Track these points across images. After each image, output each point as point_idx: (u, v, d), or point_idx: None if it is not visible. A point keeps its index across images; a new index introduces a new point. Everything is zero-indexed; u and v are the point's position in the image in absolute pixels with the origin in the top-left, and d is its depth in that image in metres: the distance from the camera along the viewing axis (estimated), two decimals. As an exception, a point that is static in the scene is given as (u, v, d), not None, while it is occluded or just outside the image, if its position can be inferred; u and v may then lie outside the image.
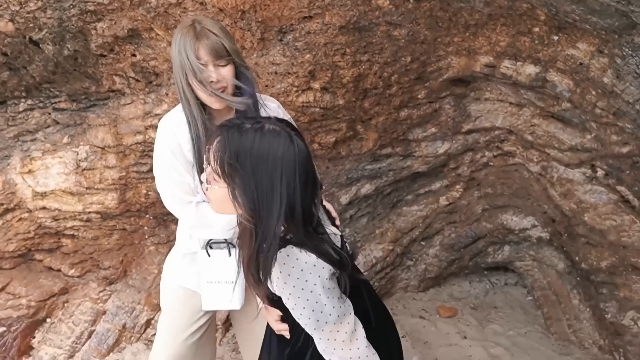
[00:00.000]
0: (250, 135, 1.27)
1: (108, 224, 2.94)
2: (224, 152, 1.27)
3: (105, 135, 2.72)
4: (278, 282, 1.32)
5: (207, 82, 1.71)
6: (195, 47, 1.68)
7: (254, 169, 1.26)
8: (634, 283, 2.80)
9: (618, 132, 2.62)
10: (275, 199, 1.26)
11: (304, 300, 1.32)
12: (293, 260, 1.30)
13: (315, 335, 1.39)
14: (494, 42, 2.67)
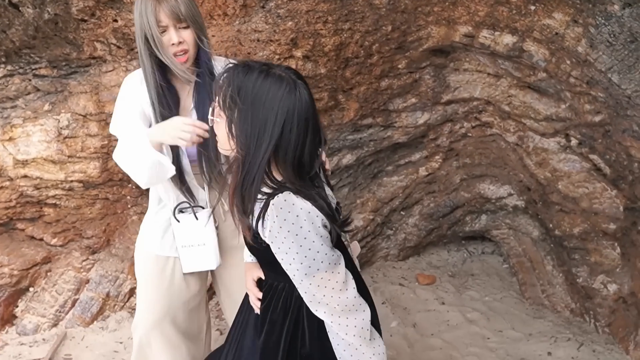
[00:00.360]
0: (255, 75, 1.33)
1: (90, 193, 2.94)
2: (227, 86, 1.33)
3: (86, 102, 2.71)
4: (273, 226, 1.33)
5: (168, 45, 1.77)
6: (155, 10, 1.72)
7: (252, 104, 1.31)
8: (604, 248, 2.90)
9: (591, 101, 2.69)
10: (266, 136, 1.31)
11: (297, 245, 1.34)
12: (289, 205, 1.33)
13: (304, 283, 1.38)
14: (473, 11, 2.72)
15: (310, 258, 1.35)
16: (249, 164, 1.34)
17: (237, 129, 1.33)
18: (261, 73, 1.33)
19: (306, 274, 1.36)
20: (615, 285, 2.85)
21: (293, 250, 1.34)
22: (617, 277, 2.85)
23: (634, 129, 2.57)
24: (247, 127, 1.32)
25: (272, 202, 1.33)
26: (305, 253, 1.34)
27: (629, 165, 2.71)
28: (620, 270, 2.84)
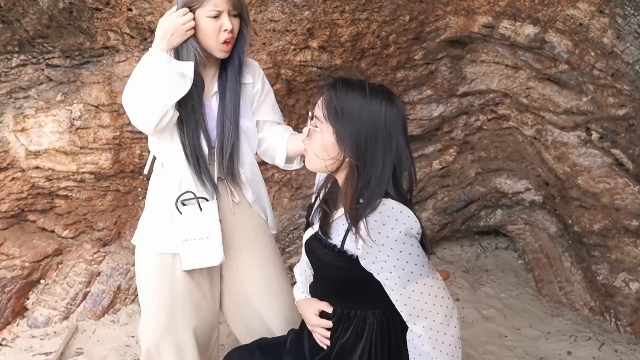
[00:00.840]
0: (357, 88, 1.41)
1: (102, 185, 2.91)
2: (332, 98, 1.40)
3: (99, 93, 2.67)
4: (372, 233, 1.33)
5: (219, 30, 1.74)
6: None
7: (359, 115, 1.37)
8: (626, 245, 2.84)
9: (615, 94, 2.62)
10: (379, 146, 1.37)
11: (397, 251, 1.33)
12: (389, 209, 1.35)
13: (405, 292, 1.35)
14: (494, 1, 2.64)
15: (412, 263, 1.34)
16: (368, 174, 1.38)
17: (348, 138, 1.38)
18: (362, 86, 1.41)
19: (408, 280, 1.34)
20: (638, 284, 2.79)
21: (393, 257, 1.33)
22: (639, 274, 2.78)
23: (660, 123, 2.50)
24: (360, 137, 1.37)
25: (376, 208, 1.35)
26: (406, 259, 1.33)
27: (653, 161, 2.65)
28: (642, 267, 2.78)
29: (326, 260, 1.47)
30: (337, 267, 1.45)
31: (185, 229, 1.88)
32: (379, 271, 1.37)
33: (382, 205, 1.35)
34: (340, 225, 1.46)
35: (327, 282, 1.56)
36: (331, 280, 1.53)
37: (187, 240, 1.89)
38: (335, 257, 1.44)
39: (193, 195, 1.88)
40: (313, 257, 1.55)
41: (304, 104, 2.95)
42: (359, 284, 1.45)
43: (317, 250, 1.51)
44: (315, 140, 1.46)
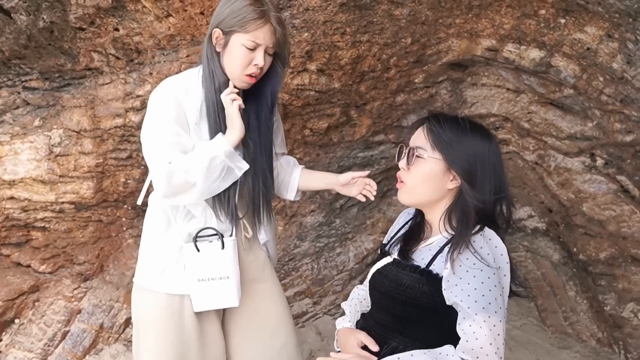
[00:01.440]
0: (457, 121, 1.50)
1: (83, 215, 2.72)
2: (439, 127, 1.48)
3: (81, 117, 2.49)
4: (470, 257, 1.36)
5: (249, 63, 1.66)
6: (258, 25, 1.62)
7: (466, 144, 1.46)
8: (633, 274, 2.76)
9: (622, 120, 2.55)
10: (486, 174, 1.44)
11: (484, 277, 1.34)
12: (487, 239, 1.40)
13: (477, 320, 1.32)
14: (498, 24, 2.56)
15: (492, 296, 1.33)
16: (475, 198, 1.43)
17: (459, 163, 1.44)
18: (462, 121, 1.51)
19: (484, 308, 1.31)
20: (647, 315, 2.71)
21: (478, 279, 1.34)
22: (648, 305, 2.71)
23: (670, 151, 2.43)
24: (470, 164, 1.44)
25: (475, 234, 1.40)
26: (489, 287, 1.34)
27: (661, 188, 2.57)
28: (651, 298, 2.69)
29: (405, 280, 1.47)
30: (415, 289, 1.45)
31: (202, 268, 1.76)
32: (457, 292, 1.36)
33: (489, 235, 1.41)
34: (427, 251, 1.49)
35: (395, 310, 1.52)
36: (402, 304, 1.48)
37: (203, 280, 1.76)
38: (417, 279, 1.45)
39: (215, 232, 1.76)
40: (386, 283, 1.53)
41: (300, 128, 2.81)
42: (431, 314, 1.45)
43: (395, 273, 1.51)
44: (418, 169, 1.50)
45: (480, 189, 1.43)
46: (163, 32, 2.30)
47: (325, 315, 3.33)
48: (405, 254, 1.53)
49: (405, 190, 1.54)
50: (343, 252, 3.28)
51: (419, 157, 1.49)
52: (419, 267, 1.46)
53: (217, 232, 1.76)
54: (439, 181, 1.48)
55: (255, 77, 1.70)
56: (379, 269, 1.59)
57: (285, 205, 3.05)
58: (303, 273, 3.27)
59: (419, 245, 1.55)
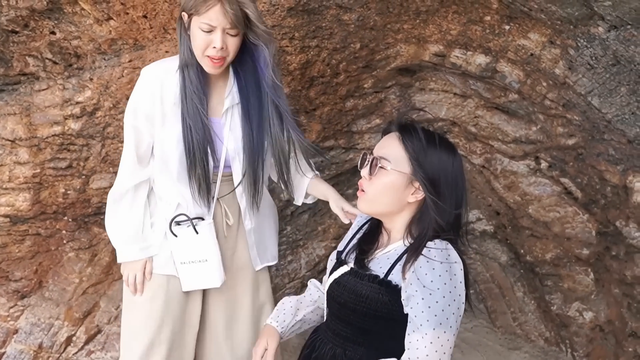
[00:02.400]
0: (430, 136, 1.49)
1: (19, 229, 2.58)
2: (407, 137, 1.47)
3: (15, 126, 2.37)
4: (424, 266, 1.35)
5: (209, 46, 1.66)
6: (208, 7, 1.60)
7: (431, 155, 1.45)
8: (577, 274, 2.84)
9: (565, 124, 2.62)
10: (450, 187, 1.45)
11: (442, 293, 1.32)
12: (445, 255, 1.38)
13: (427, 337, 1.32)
14: (445, 30, 2.59)
15: (449, 312, 1.33)
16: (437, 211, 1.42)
17: (424, 175, 1.43)
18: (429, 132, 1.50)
19: (434, 329, 1.31)
20: (591, 313, 2.78)
21: (437, 295, 1.32)
22: (592, 304, 2.79)
23: (610, 153, 2.51)
24: (435, 176, 1.43)
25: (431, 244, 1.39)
26: (448, 302, 1.33)
27: (602, 189, 2.66)
28: (595, 297, 2.78)
29: (364, 291, 1.44)
30: (374, 300, 1.43)
31: (183, 252, 1.86)
32: (413, 305, 1.35)
33: (443, 246, 1.40)
34: (385, 259, 1.47)
35: (355, 321, 1.49)
36: (362, 316, 1.46)
37: (185, 262, 1.86)
38: (375, 289, 1.43)
39: (186, 217, 1.83)
40: (344, 293, 1.50)
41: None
42: (392, 325, 1.43)
43: (353, 284, 1.48)
44: (380, 180, 1.47)
45: (442, 204, 1.43)
46: (103, 36, 2.20)
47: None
48: (361, 262, 1.51)
49: (365, 200, 1.51)
50: (294, 259, 3.24)
51: (382, 168, 1.46)
52: (378, 276, 1.44)
53: (188, 218, 1.83)
54: (400, 194, 1.46)
55: (218, 59, 1.69)
56: (336, 279, 1.56)
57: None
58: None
59: (376, 253, 1.52)
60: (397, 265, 1.43)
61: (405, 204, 1.48)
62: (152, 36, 2.24)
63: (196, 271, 1.86)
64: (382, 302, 1.41)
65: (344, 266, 1.57)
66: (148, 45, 2.26)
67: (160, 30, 2.22)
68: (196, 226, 1.82)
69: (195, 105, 1.73)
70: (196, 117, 1.74)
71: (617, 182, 2.54)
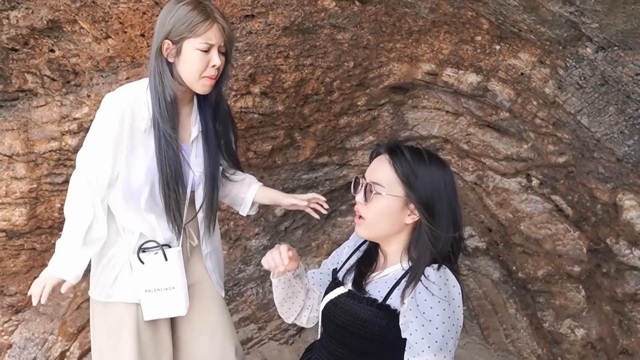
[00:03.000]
0: (416, 152, 1.48)
1: (14, 244, 2.58)
2: (399, 161, 1.46)
3: (13, 141, 2.38)
4: (423, 292, 1.36)
5: (207, 66, 1.70)
6: (207, 27, 1.65)
7: (424, 177, 1.44)
8: (569, 291, 2.86)
9: (555, 142, 2.66)
10: (444, 208, 1.44)
11: (442, 319, 1.33)
12: (444, 280, 1.38)
13: (421, 358, 1.31)
14: (437, 49, 2.63)
15: (449, 337, 1.33)
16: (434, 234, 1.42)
17: (418, 199, 1.43)
18: (419, 151, 1.49)
19: (435, 355, 1.30)
20: (583, 330, 2.79)
21: (436, 322, 1.32)
22: (583, 321, 2.80)
23: (599, 171, 2.54)
24: (429, 199, 1.43)
25: (429, 270, 1.39)
26: (447, 328, 1.32)
27: (592, 207, 2.68)
28: (586, 314, 2.79)
29: (362, 314, 1.44)
30: (373, 323, 1.42)
31: (148, 280, 1.81)
32: (412, 331, 1.34)
33: (443, 271, 1.40)
34: (383, 283, 1.47)
35: (352, 343, 1.48)
36: (360, 339, 1.45)
37: (150, 290, 1.82)
38: (374, 312, 1.42)
39: (156, 244, 1.78)
40: (342, 315, 1.49)
41: (244, 151, 2.78)
42: (390, 348, 1.41)
43: (351, 306, 1.48)
44: (376, 205, 1.47)
45: (438, 224, 1.42)
46: (102, 54, 2.24)
47: (271, 341, 3.28)
48: (359, 285, 1.50)
49: (365, 226, 1.51)
50: (288, 275, 3.25)
51: (378, 193, 1.46)
52: (376, 300, 1.43)
53: (159, 245, 1.80)
54: (397, 216, 1.46)
55: (214, 78, 1.73)
56: (333, 299, 1.55)
57: (229, 228, 2.99)
58: (248, 298, 3.21)
59: (374, 275, 1.53)
60: (396, 289, 1.43)
61: (403, 226, 1.48)
62: (149, 54, 2.27)
63: (161, 299, 1.82)
64: (380, 325, 1.41)
65: (340, 287, 1.56)
66: (145, 63, 2.30)
67: (157, 48, 2.26)
68: (166, 252, 1.80)
69: (169, 134, 1.73)
70: (169, 146, 1.74)
71: (607, 200, 2.56)
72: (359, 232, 1.54)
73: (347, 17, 2.40)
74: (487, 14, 2.36)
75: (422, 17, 2.49)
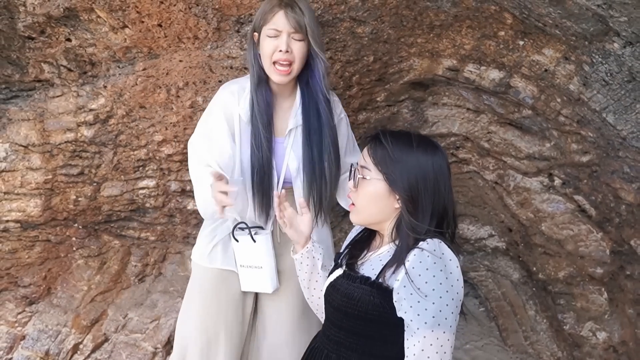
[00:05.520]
0: (404, 137, 1.48)
1: (29, 235, 2.59)
2: (381, 146, 1.46)
3: (29, 131, 2.38)
4: (417, 267, 1.33)
5: (273, 50, 1.77)
6: (274, 14, 1.76)
7: (408, 161, 1.43)
8: (591, 293, 2.79)
9: (579, 141, 2.59)
10: (429, 190, 1.42)
11: (439, 293, 1.30)
12: (439, 253, 1.35)
13: (426, 340, 1.29)
14: (459, 44, 2.58)
15: (448, 312, 1.30)
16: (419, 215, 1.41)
17: (399, 182, 1.42)
18: (407, 136, 1.48)
19: (433, 331, 1.28)
20: (605, 333, 2.73)
21: (433, 297, 1.30)
22: (606, 324, 2.73)
23: (625, 171, 2.48)
24: (411, 181, 1.41)
25: (423, 244, 1.36)
26: (446, 302, 1.30)
27: (616, 207, 2.62)
28: (609, 317, 2.72)
29: (355, 294, 1.42)
30: (366, 302, 1.40)
31: (241, 256, 1.98)
32: (407, 309, 1.33)
33: (436, 244, 1.37)
34: (377, 261, 1.46)
35: (347, 325, 1.47)
36: (354, 319, 1.44)
37: (243, 266, 1.99)
38: (368, 291, 1.41)
39: (246, 226, 1.94)
40: (337, 297, 1.49)
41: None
42: (385, 328, 1.40)
43: (345, 287, 1.47)
44: (364, 190, 1.47)
45: (421, 211, 1.41)
46: (118, 44, 2.22)
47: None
48: (352, 265, 1.50)
49: (355, 212, 1.53)
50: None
51: (364, 178, 1.47)
52: (369, 278, 1.42)
53: (248, 227, 1.94)
54: (386, 201, 1.45)
55: (284, 64, 1.78)
56: (332, 282, 1.55)
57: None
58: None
59: (370, 254, 1.52)
60: (389, 266, 1.42)
61: (394, 210, 1.47)
62: (167, 45, 2.25)
63: (252, 275, 1.98)
64: (373, 304, 1.39)
65: (338, 269, 1.56)
66: (162, 54, 2.28)
67: (175, 39, 2.23)
68: (254, 235, 1.92)
69: (260, 125, 1.85)
70: (258, 137, 1.85)
71: (631, 201, 2.50)
72: (352, 219, 1.56)
73: (368, 10, 2.36)
74: (511, 8, 2.31)
75: (444, 11, 2.44)
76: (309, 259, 1.65)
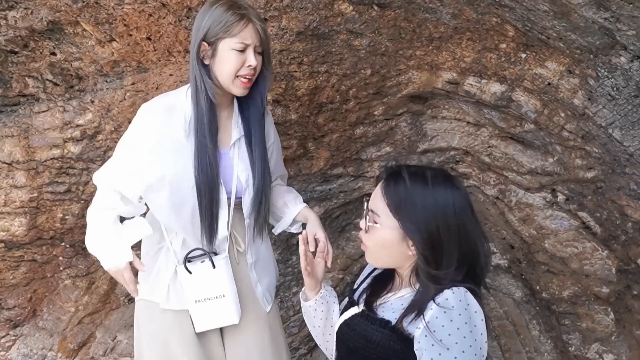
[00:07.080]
0: (418, 175, 1.35)
1: (14, 255, 2.49)
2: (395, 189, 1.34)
3: (13, 148, 2.30)
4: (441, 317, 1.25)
5: (240, 65, 1.67)
6: (243, 26, 1.65)
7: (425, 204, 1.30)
8: (597, 313, 2.70)
9: (584, 157, 2.51)
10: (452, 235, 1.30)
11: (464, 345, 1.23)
12: (464, 304, 1.27)
13: None
14: (459, 57, 2.50)
15: None
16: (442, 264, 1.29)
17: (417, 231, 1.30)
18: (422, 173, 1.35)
19: None
20: (612, 356, 2.64)
21: (455, 350, 1.22)
22: (613, 346, 2.64)
23: (631, 188, 2.39)
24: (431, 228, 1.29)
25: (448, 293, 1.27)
26: (468, 357, 1.23)
27: (622, 225, 2.53)
28: (615, 338, 2.63)
29: (374, 337, 1.35)
30: (386, 347, 1.33)
31: (197, 289, 1.78)
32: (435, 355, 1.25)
33: (462, 294, 1.28)
34: (398, 304, 1.38)
35: None
36: None
37: (200, 300, 1.78)
38: (387, 335, 1.33)
39: (204, 252, 1.77)
40: (354, 337, 1.40)
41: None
42: None
43: (363, 328, 1.39)
44: (374, 236, 1.38)
45: (445, 259, 1.30)
46: (106, 58, 2.14)
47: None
48: (371, 305, 1.41)
49: (368, 255, 1.45)
50: (300, 291, 3.12)
51: (375, 224, 1.38)
52: (389, 322, 1.34)
53: (206, 252, 1.77)
54: (398, 248, 1.36)
55: (249, 79, 1.71)
56: (346, 320, 1.47)
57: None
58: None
59: (390, 295, 1.43)
60: (410, 312, 1.33)
61: (408, 256, 1.38)
62: (156, 59, 2.17)
63: (212, 309, 1.79)
64: (393, 350, 1.32)
65: (354, 307, 1.48)
66: (152, 68, 2.20)
67: (165, 52, 2.15)
68: (213, 260, 1.76)
69: (205, 139, 1.71)
70: (204, 152, 1.71)
71: (638, 218, 2.41)
72: (367, 259, 1.47)
73: (365, 22, 2.28)
74: (514, 20, 2.23)
75: (444, 23, 2.37)
76: (323, 304, 1.57)
